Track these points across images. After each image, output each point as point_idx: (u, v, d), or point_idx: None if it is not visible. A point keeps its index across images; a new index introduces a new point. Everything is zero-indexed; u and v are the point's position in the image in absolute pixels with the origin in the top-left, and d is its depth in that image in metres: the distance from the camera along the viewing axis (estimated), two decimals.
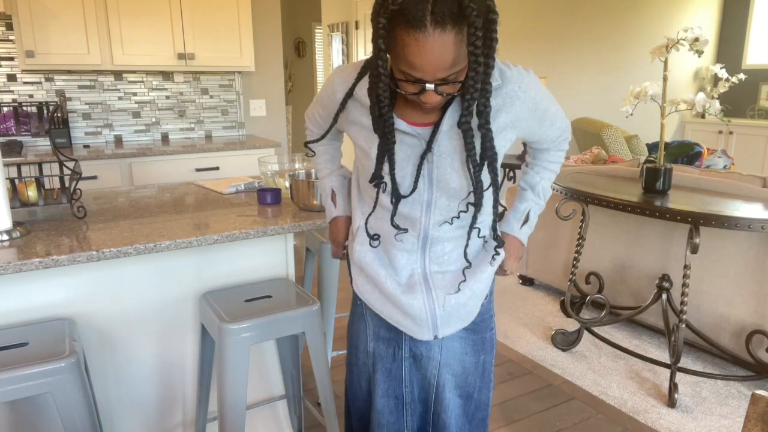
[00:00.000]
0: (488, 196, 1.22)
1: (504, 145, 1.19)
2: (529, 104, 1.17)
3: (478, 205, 1.15)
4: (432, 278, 1.24)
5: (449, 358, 1.34)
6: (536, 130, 1.25)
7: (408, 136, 1.15)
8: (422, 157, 1.14)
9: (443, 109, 1.13)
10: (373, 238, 1.26)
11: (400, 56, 0.97)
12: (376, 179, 1.17)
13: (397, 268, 1.25)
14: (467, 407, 1.37)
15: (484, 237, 1.27)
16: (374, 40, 0.97)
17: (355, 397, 1.50)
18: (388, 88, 1.05)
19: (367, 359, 1.41)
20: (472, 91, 0.99)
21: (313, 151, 1.46)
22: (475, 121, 1.07)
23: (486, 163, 1.11)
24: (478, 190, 1.13)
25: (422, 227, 1.21)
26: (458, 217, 1.21)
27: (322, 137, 1.31)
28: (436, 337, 1.28)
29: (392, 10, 0.93)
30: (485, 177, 1.16)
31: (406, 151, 1.16)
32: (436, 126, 1.13)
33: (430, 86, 0.99)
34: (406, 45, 0.95)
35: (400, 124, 1.13)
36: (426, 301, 1.24)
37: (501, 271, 1.37)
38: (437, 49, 0.93)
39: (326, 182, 1.46)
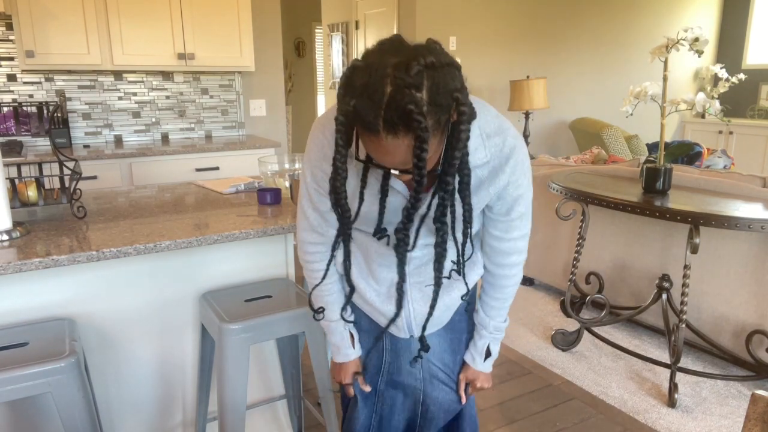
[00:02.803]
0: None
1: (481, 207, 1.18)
2: (508, 175, 1.12)
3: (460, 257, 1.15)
4: (411, 290, 1.25)
5: (429, 355, 1.36)
6: (495, 208, 1.19)
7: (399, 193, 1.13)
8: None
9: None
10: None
11: (364, 145, 0.97)
12: (380, 233, 1.14)
13: (378, 279, 1.26)
14: (452, 400, 1.40)
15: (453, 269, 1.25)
16: (336, 134, 0.96)
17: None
18: (345, 182, 1.02)
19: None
20: (416, 199, 0.96)
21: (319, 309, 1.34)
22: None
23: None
24: (461, 250, 1.14)
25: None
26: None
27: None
28: (411, 336, 1.32)
29: (347, 111, 0.92)
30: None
31: (395, 202, 1.13)
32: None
33: (395, 172, 1.00)
34: (365, 141, 0.95)
35: (396, 183, 1.10)
36: (402, 312, 1.27)
37: (475, 389, 1.40)
38: (392, 151, 0.93)
39: (340, 326, 1.33)
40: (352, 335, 1.36)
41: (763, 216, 2.15)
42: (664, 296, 2.60)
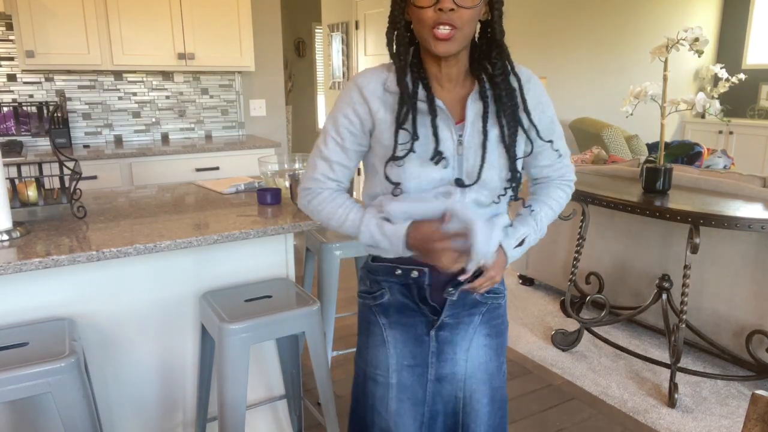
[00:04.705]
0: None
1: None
2: (537, 95, 1.24)
3: (515, 186, 1.22)
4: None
5: (474, 369, 1.34)
6: (542, 132, 1.25)
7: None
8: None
9: (466, 105, 1.19)
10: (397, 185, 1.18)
11: None
12: (438, 155, 1.15)
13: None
14: (493, 409, 1.37)
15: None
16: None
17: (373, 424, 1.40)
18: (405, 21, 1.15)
19: (387, 391, 1.33)
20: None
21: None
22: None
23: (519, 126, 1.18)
24: (513, 171, 1.19)
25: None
26: (491, 204, 1.23)
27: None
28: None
29: None
30: (520, 152, 1.21)
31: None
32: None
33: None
34: None
35: (436, 100, 1.17)
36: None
37: (488, 279, 1.26)
38: None
39: (368, 220, 1.20)
40: (384, 220, 1.20)
41: (763, 216, 2.15)
42: (664, 296, 2.60)
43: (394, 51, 1.17)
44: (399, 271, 1.27)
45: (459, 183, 1.18)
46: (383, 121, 1.19)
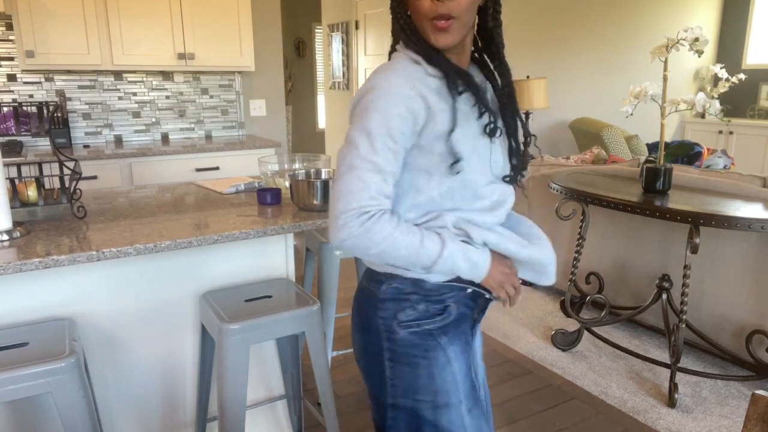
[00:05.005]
0: None
1: None
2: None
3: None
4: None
5: (480, 354, 1.44)
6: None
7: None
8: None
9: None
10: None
11: None
12: (491, 123, 1.13)
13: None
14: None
15: None
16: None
17: None
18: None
19: (459, 408, 1.20)
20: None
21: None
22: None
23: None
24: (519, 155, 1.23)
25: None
26: None
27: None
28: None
29: None
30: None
31: (474, 128, 1.13)
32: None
33: None
34: None
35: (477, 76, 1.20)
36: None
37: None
38: None
39: (453, 245, 1.08)
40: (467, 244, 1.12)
41: (763, 216, 2.15)
42: (664, 296, 2.60)
43: (408, 39, 1.12)
44: (470, 290, 1.21)
45: (508, 179, 1.21)
46: (443, 112, 1.08)
